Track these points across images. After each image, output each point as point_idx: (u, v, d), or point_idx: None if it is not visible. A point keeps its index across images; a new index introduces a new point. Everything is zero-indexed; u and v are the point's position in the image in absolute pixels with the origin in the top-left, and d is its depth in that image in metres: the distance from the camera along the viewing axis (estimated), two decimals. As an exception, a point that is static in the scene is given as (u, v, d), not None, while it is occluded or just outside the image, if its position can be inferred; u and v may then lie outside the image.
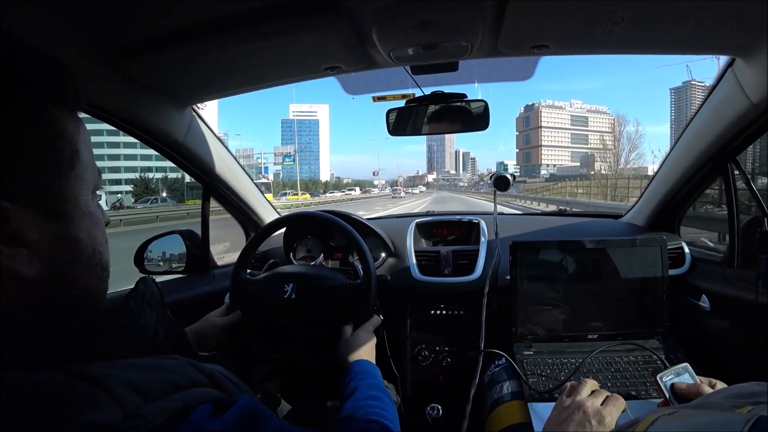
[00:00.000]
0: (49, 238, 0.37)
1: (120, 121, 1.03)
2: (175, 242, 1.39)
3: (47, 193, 0.37)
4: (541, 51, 0.94)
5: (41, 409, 0.30)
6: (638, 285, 1.14)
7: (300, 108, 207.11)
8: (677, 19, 0.78)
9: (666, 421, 0.43)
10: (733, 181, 1.14)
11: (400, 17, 0.79)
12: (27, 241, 0.35)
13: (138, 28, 0.79)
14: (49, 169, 0.37)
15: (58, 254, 0.38)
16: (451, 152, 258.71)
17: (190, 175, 1.35)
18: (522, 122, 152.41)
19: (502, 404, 0.98)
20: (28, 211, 0.35)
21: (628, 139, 51.96)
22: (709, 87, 1.05)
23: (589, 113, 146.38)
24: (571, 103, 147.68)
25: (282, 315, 1.05)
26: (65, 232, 0.38)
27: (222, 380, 0.43)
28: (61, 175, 0.38)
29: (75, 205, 0.39)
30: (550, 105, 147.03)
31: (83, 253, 0.40)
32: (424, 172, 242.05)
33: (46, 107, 0.37)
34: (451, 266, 1.38)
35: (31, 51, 0.36)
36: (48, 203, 0.37)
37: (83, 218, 0.40)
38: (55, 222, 0.37)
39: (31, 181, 0.35)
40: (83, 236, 0.40)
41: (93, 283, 0.41)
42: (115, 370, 0.34)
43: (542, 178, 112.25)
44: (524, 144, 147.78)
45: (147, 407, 0.33)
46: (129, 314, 0.42)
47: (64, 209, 0.38)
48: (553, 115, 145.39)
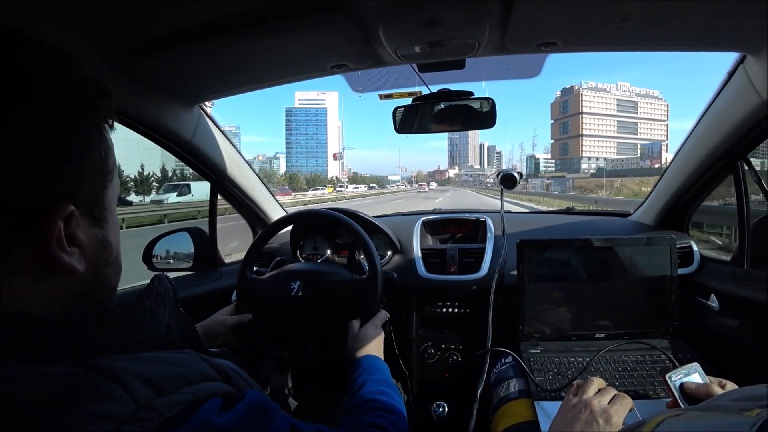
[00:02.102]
0: (92, 241, 0.41)
1: (128, 120, 1.04)
2: (183, 240, 1.41)
3: (96, 200, 0.42)
4: (549, 48, 0.93)
5: (53, 400, 0.30)
6: (647, 284, 1.13)
7: (306, 96, 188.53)
8: (687, 15, 0.77)
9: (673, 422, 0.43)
10: (743, 179, 1.12)
11: (406, 15, 0.79)
12: (79, 242, 0.39)
13: (146, 28, 0.80)
14: (101, 179, 0.42)
15: (98, 256, 0.42)
16: (475, 146, 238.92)
17: (198, 173, 1.37)
18: (558, 108, 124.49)
19: (509, 402, 0.97)
20: (82, 216, 0.40)
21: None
22: (720, 84, 1.03)
23: (638, 98, 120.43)
24: (618, 86, 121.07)
25: (289, 312, 1.06)
26: (103, 235, 0.43)
27: (231, 375, 0.44)
28: (106, 185, 0.43)
29: (110, 211, 0.44)
30: (592, 87, 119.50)
31: (112, 255, 0.44)
32: (445, 167, 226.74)
33: (103, 124, 0.42)
34: (458, 264, 1.38)
35: (85, 71, 0.40)
36: (95, 209, 0.42)
37: (114, 223, 0.45)
38: (97, 227, 0.42)
39: (88, 189, 0.40)
40: (113, 239, 0.44)
41: (114, 283, 0.46)
42: (127, 363, 0.35)
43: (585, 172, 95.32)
44: (561, 133, 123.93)
45: (158, 400, 0.34)
46: (143, 311, 0.43)
47: (104, 215, 0.43)
48: (597, 100, 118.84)
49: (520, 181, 1.40)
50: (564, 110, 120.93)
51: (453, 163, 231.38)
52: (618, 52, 0.97)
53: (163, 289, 0.47)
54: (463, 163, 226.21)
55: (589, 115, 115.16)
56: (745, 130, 1.00)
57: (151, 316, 0.43)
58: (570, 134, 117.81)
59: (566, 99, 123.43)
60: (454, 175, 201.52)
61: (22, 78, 0.35)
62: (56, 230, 0.36)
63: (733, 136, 1.03)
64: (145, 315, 0.42)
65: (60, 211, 0.36)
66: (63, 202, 0.37)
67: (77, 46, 0.78)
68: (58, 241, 0.36)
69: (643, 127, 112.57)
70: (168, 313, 0.46)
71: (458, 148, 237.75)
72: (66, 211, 0.37)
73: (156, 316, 0.44)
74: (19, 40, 0.36)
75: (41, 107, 0.35)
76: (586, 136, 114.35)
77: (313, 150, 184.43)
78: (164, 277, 0.49)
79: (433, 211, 1.78)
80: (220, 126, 1.33)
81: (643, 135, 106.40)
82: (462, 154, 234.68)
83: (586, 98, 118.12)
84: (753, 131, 1.00)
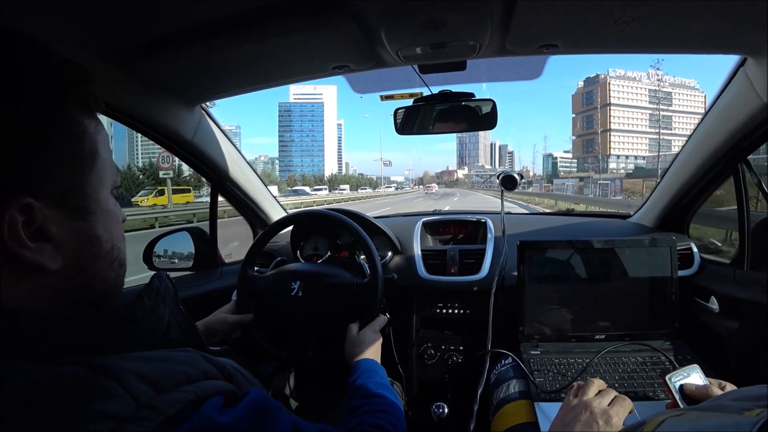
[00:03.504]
0: (71, 234, 0.39)
1: (129, 119, 1.04)
2: (184, 239, 1.41)
3: (69, 191, 0.38)
4: (550, 50, 0.93)
5: (54, 399, 0.30)
6: (647, 286, 1.13)
7: (302, 90, 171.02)
8: (687, 18, 0.77)
9: (673, 422, 0.43)
10: (743, 181, 1.13)
11: (408, 16, 0.79)
12: (50, 237, 0.37)
13: (148, 28, 0.80)
14: (71, 168, 0.38)
15: (80, 249, 0.40)
16: (485, 145, 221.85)
17: (198, 173, 1.37)
18: (581, 100, 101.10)
19: (509, 403, 0.97)
20: (52, 207, 0.37)
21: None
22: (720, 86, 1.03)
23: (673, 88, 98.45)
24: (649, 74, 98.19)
25: (289, 312, 1.06)
26: (86, 228, 0.40)
27: (233, 373, 0.44)
28: (83, 174, 0.39)
29: (95, 202, 0.41)
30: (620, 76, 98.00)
31: (102, 249, 0.42)
32: (454, 167, 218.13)
33: (68, 109, 0.38)
34: (458, 265, 1.38)
35: (54, 56, 0.38)
36: (70, 200, 0.38)
37: (103, 215, 0.42)
38: (77, 219, 0.39)
39: (55, 179, 0.37)
40: (102, 233, 0.41)
41: (111, 277, 0.43)
42: (127, 362, 0.35)
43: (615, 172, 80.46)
44: (584, 128, 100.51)
45: (159, 398, 0.34)
46: (143, 309, 0.42)
47: (85, 206, 0.40)
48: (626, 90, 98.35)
49: (520, 183, 1.41)
50: (588, 101, 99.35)
51: (462, 163, 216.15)
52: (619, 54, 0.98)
53: (163, 288, 0.47)
54: (473, 163, 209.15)
55: (617, 107, 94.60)
56: (746, 132, 1.00)
57: (151, 314, 0.43)
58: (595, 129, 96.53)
59: (590, 89, 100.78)
60: (463, 176, 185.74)
61: None
62: (4, 225, 0.33)
63: (733, 138, 1.03)
64: (145, 313, 0.42)
65: (9, 205, 0.34)
66: (15, 194, 0.34)
67: (79, 46, 0.79)
68: (14, 236, 0.34)
69: (679, 121, 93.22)
70: (168, 311, 0.46)
71: (467, 147, 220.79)
72: (18, 204, 0.34)
73: (156, 314, 0.44)
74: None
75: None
76: (614, 131, 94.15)
77: (308, 148, 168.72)
78: (164, 276, 0.49)
79: (433, 212, 1.78)
80: (221, 126, 1.33)
81: (679, 130, 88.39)
82: (472, 153, 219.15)
83: (614, 88, 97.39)
84: (753, 133, 1.00)
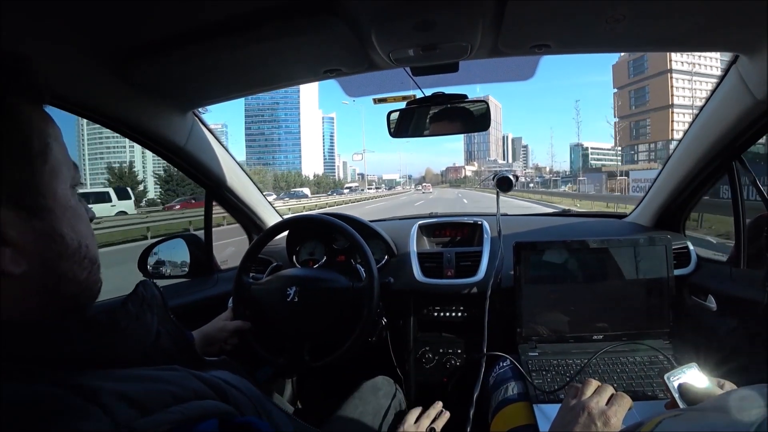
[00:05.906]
0: (31, 235, 0.37)
1: (121, 125, 1.04)
2: (179, 247, 1.40)
3: (22, 189, 0.36)
4: (542, 50, 0.93)
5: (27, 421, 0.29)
6: (643, 285, 1.12)
7: None
8: (679, 16, 0.77)
9: (671, 423, 0.43)
10: (738, 179, 1.13)
11: (399, 17, 0.79)
12: (8, 240, 0.35)
13: (140, 32, 0.79)
14: (20, 165, 0.36)
15: (44, 250, 0.38)
16: (497, 137, 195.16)
17: (192, 179, 1.36)
18: (626, 70, 72.99)
19: (508, 405, 0.97)
20: (6, 209, 0.35)
21: None
22: (714, 84, 1.03)
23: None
24: None
25: (285, 318, 1.05)
26: (48, 227, 0.38)
27: (228, 390, 0.41)
28: (35, 171, 0.37)
29: (54, 199, 0.39)
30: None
31: (69, 247, 0.40)
32: (461, 163, 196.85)
33: (10, 103, 0.36)
34: (454, 268, 1.37)
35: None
36: (25, 199, 0.36)
37: (64, 212, 0.40)
38: (35, 218, 0.37)
39: (3, 178, 0.35)
40: (67, 230, 0.39)
41: (83, 277, 0.41)
42: (110, 381, 0.33)
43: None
44: (632, 107, 72.79)
45: (143, 419, 0.32)
46: (127, 316, 0.41)
47: (42, 204, 0.38)
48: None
49: (515, 184, 1.40)
50: (637, 71, 71.78)
51: (471, 159, 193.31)
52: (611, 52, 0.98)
53: (149, 295, 0.46)
54: (484, 158, 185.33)
55: (680, 73, 63.70)
56: (739, 129, 1.00)
57: (137, 322, 0.42)
58: (649, 107, 68.30)
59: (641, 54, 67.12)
60: (472, 172, 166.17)
61: None
62: None
63: (727, 135, 1.03)
64: (130, 321, 0.41)
65: None
66: None
67: (71, 50, 0.78)
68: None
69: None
70: (156, 319, 0.45)
71: (477, 139, 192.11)
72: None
73: (142, 322, 0.43)
74: None
75: None
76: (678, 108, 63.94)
77: (282, 142, 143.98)
78: (150, 283, 0.48)
79: (429, 215, 1.78)
80: (214, 132, 1.33)
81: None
82: (482, 147, 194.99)
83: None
84: (747, 131, 1.00)
